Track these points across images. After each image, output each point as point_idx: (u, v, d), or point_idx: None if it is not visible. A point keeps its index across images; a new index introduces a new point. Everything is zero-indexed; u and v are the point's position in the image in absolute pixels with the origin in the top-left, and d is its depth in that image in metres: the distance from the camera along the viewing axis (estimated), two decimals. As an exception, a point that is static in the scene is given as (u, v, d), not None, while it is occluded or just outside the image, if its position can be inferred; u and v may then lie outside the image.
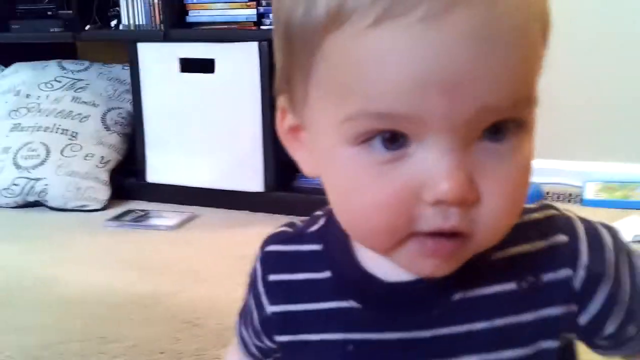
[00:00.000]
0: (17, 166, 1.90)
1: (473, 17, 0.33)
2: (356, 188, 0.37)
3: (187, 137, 1.87)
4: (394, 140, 0.35)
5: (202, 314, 1.19)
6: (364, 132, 0.35)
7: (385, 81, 0.34)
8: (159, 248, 1.57)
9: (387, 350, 0.42)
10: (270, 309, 0.46)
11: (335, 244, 0.44)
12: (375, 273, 0.42)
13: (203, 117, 1.83)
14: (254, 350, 0.51)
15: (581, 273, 0.41)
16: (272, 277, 0.46)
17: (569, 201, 1.84)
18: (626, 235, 1.50)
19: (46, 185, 1.86)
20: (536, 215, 0.43)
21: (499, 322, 0.40)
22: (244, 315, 0.50)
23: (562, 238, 0.41)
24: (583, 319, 0.41)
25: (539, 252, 0.41)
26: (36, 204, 1.90)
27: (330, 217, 0.44)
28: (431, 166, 0.35)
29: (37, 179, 1.87)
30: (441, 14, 0.32)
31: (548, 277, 0.41)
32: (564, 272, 0.41)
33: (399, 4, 0.32)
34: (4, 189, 1.88)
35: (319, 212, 0.47)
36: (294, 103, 0.40)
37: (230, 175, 1.82)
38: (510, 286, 0.41)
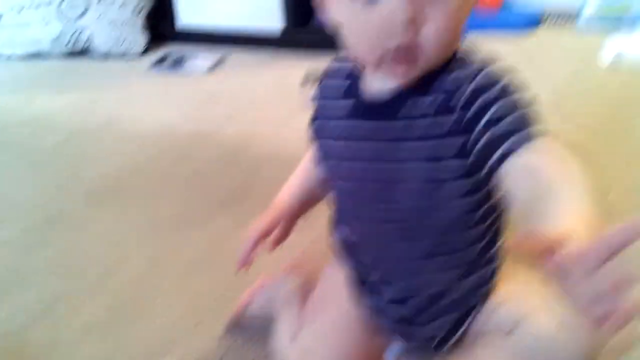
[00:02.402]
0: (62, 16, 2.11)
1: None
2: (350, 23, 0.60)
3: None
4: None
5: (243, 146, 1.46)
6: None
7: None
8: (198, 90, 1.81)
9: (365, 132, 0.65)
10: (316, 103, 0.72)
11: (357, 66, 0.66)
12: (370, 83, 0.65)
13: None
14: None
15: (470, 87, 0.59)
16: (324, 82, 0.71)
17: (566, 22, 1.98)
18: (608, 55, 1.70)
19: (91, 33, 2.08)
20: (475, 57, 0.62)
21: (429, 119, 0.61)
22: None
23: (475, 69, 0.60)
24: (465, 118, 0.58)
25: (461, 77, 0.60)
26: (83, 52, 2.14)
27: None
28: (392, 3, 0.55)
29: (82, 28, 2.09)
30: None
31: (458, 91, 0.59)
32: (464, 88, 0.58)
33: None
34: (54, 39, 2.11)
35: None
36: None
37: (254, 15, 2.00)
38: (441, 96, 0.60)
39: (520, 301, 0.65)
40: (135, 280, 1.05)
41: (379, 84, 0.64)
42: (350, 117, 0.66)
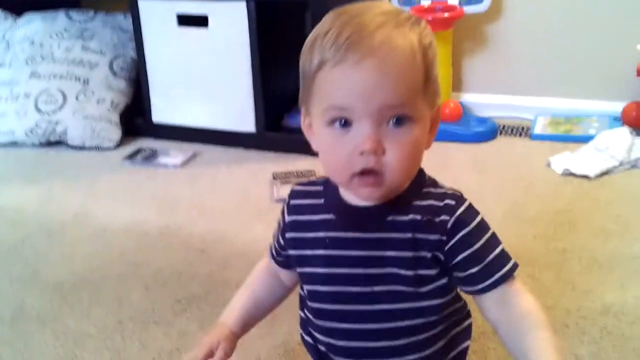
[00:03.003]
0: (39, 110, 2.16)
1: (376, 62, 0.67)
2: (327, 148, 0.73)
3: (187, 83, 2.12)
4: (345, 124, 0.70)
5: (210, 243, 1.50)
6: (330, 118, 0.70)
7: (337, 91, 0.68)
8: (169, 185, 1.86)
9: (348, 242, 0.76)
10: (288, 218, 0.81)
11: (330, 186, 0.78)
12: (347, 200, 0.77)
13: (200, 66, 2.07)
14: (273, 250, 0.86)
15: (452, 220, 0.73)
16: (292, 202, 0.82)
17: (520, 135, 2.11)
18: (557, 169, 1.82)
19: (66, 127, 2.14)
20: (446, 191, 0.77)
21: (407, 235, 0.74)
22: (275, 233, 0.86)
23: (451, 202, 0.75)
24: (447, 246, 0.73)
25: (437, 205, 0.74)
26: (57, 143, 2.18)
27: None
28: (360, 135, 0.69)
29: (57, 122, 2.14)
30: (361, 61, 0.67)
31: (437, 218, 0.74)
32: (445, 217, 0.73)
33: (342, 57, 0.67)
34: (29, 130, 2.16)
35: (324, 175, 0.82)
36: (307, 111, 0.75)
37: (226, 117, 2.09)
38: (417, 217, 0.73)
39: None
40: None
41: (355, 200, 0.75)
42: (331, 229, 0.76)
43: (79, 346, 1.15)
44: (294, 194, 0.83)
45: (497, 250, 0.75)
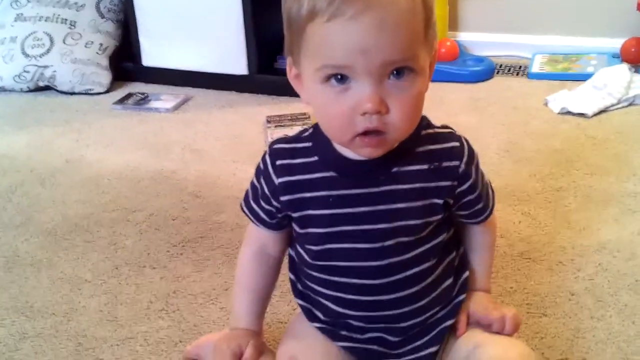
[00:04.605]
0: (26, 55, 2.11)
1: (376, 16, 0.61)
2: (324, 107, 0.68)
3: (177, 24, 2.06)
4: (342, 79, 0.65)
5: (204, 187, 1.49)
6: (325, 76, 0.65)
7: (333, 49, 0.63)
8: (161, 129, 1.83)
9: (353, 199, 0.73)
10: (278, 180, 0.75)
11: (320, 141, 0.74)
12: (346, 155, 0.72)
13: (190, 6, 2.01)
14: (263, 216, 0.80)
15: (462, 165, 0.73)
16: (279, 162, 0.76)
17: (518, 74, 2.07)
18: (555, 107, 1.80)
19: (54, 72, 2.09)
20: (443, 130, 0.75)
21: (416, 185, 0.72)
22: (253, 194, 0.80)
23: (456, 144, 0.74)
24: (458, 190, 0.74)
25: (442, 149, 0.73)
26: (46, 88, 2.14)
27: (315, 128, 0.75)
28: (361, 93, 0.65)
29: (45, 66, 2.09)
30: (359, 15, 0.61)
31: (445, 164, 0.73)
32: (455, 162, 0.73)
33: (338, 10, 0.61)
34: (16, 75, 2.11)
35: (306, 127, 0.78)
36: (294, 61, 0.70)
37: (218, 60, 2.04)
38: (424, 166, 0.73)
39: (474, 334, 0.78)
40: (97, 322, 1.06)
41: (354, 154, 0.71)
42: (333, 188, 0.72)
43: (75, 291, 1.15)
44: (277, 153, 0.76)
45: (487, 181, 0.80)
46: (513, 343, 0.76)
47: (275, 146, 0.77)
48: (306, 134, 0.76)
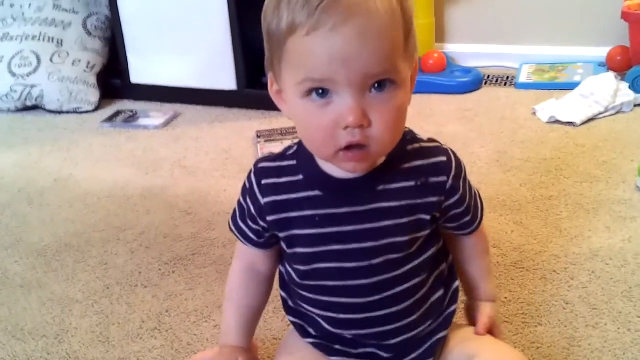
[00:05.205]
0: (12, 74, 2.10)
1: (356, 26, 0.61)
2: (306, 121, 0.67)
3: (164, 40, 2.06)
4: (323, 93, 0.64)
5: (194, 203, 1.48)
6: (306, 90, 0.63)
7: (314, 61, 0.62)
8: (150, 146, 1.82)
9: (339, 218, 0.72)
10: (263, 200, 0.74)
11: (304, 159, 0.73)
12: (330, 173, 0.71)
13: (177, 22, 2.01)
14: (251, 235, 0.79)
15: (450, 180, 0.73)
16: (264, 181, 0.75)
17: (505, 84, 2.09)
18: (543, 116, 1.81)
19: (42, 90, 2.08)
20: (429, 144, 0.74)
21: (402, 202, 0.72)
22: (240, 213, 0.79)
23: (442, 158, 0.73)
24: (445, 204, 0.74)
25: (428, 164, 0.73)
26: (34, 107, 2.13)
27: (299, 145, 0.74)
28: (342, 107, 0.64)
29: (33, 85, 2.08)
30: (339, 25, 0.61)
31: (432, 179, 0.72)
32: (442, 178, 0.73)
33: (317, 22, 0.60)
34: (4, 94, 2.10)
35: (290, 144, 0.77)
36: (275, 76, 0.69)
37: (206, 75, 2.05)
38: (410, 183, 0.72)
39: (471, 343, 0.78)
40: (89, 343, 1.04)
41: (339, 172, 0.70)
42: (318, 207, 0.71)
43: (66, 312, 1.13)
44: (262, 172, 0.75)
45: (475, 192, 0.80)
46: (509, 352, 0.76)
47: (260, 165, 0.76)
48: (290, 151, 0.75)
